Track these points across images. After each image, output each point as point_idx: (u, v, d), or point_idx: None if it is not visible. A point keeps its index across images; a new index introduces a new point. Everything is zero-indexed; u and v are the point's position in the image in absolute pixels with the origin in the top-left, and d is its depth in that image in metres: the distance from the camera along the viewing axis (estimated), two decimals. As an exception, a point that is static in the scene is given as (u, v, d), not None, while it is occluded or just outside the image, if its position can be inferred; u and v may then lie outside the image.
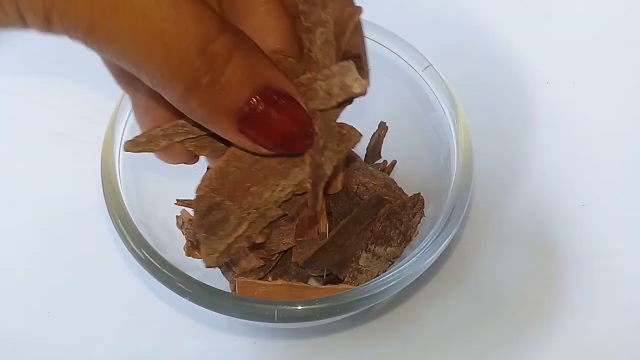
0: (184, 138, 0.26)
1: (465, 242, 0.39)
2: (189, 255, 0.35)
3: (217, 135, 0.25)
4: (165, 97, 0.22)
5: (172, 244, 0.33)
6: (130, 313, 0.37)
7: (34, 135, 0.43)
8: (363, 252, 0.34)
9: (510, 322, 0.36)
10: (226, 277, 0.36)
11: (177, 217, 0.35)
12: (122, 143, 0.32)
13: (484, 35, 0.47)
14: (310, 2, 0.25)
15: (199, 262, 0.35)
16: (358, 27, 0.27)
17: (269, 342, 0.36)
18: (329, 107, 0.25)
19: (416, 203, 0.35)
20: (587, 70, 0.45)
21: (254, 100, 0.23)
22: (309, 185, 0.26)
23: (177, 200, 0.36)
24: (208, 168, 0.36)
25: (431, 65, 0.36)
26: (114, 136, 0.33)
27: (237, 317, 0.29)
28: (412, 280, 0.30)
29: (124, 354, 0.36)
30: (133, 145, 0.26)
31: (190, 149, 0.27)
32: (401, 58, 0.36)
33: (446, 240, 0.31)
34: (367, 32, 0.34)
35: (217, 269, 0.36)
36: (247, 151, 0.25)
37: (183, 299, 0.29)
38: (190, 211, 0.36)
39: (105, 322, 0.37)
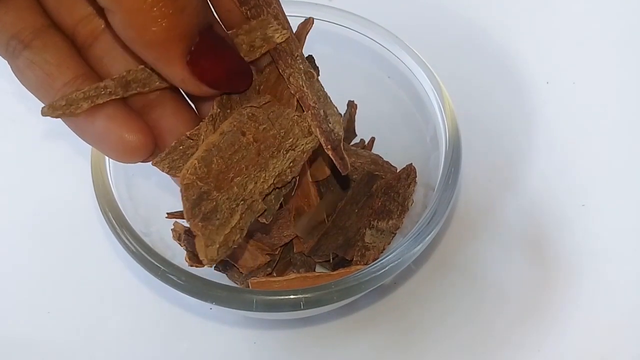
0: (108, 99, 0.25)
1: (464, 242, 0.39)
2: (191, 265, 0.35)
3: (144, 93, 0.25)
4: (118, 12, 0.22)
5: (173, 256, 0.33)
6: (130, 313, 0.37)
7: (32, 135, 0.43)
8: (367, 229, 0.35)
9: (508, 321, 0.36)
10: (234, 281, 0.36)
11: (172, 230, 0.35)
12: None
13: (483, 35, 0.47)
14: (255, 5, 0.27)
15: (203, 271, 0.35)
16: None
17: (269, 341, 0.36)
18: (253, 59, 0.27)
19: (410, 173, 0.36)
20: (587, 70, 0.45)
21: (204, 32, 0.23)
22: (329, 152, 0.27)
23: (168, 213, 0.36)
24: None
25: (401, 40, 0.36)
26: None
27: (262, 312, 0.29)
28: (421, 252, 0.31)
29: (124, 354, 0.36)
30: (51, 110, 0.25)
31: (164, 171, 0.26)
32: (375, 42, 0.37)
33: (449, 206, 0.32)
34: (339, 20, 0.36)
35: (224, 276, 0.36)
36: (189, 96, 0.26)
37: (185, 299, 0.29)
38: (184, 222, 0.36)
39: (104, 322, 0.37)
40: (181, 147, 0.26)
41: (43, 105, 0.25)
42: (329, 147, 0.27)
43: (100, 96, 0.25)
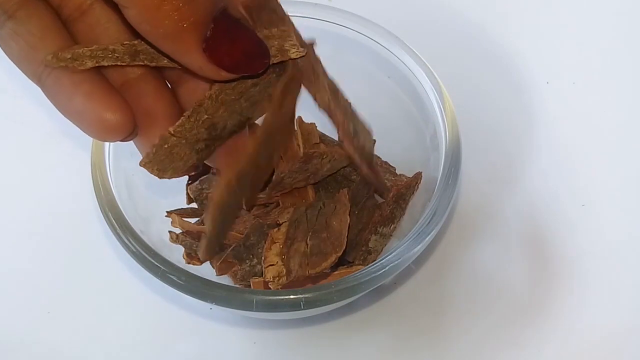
0: (112, 64, 0.25)
1: (464, 242, 0.39)
2: (188, 263, 0.35)
3: (148, 66, 0.25)
4: (132, 8, 0.22)
5: (173, 256, 0.33)
6: (130, 313, 0.37)
7: (33, 135, 0.43)
8: (372, 235, 0.35)
9: (508, 321, 0.36)
10: (235, 281, 0.36)
11: (170, 232, 0.35)
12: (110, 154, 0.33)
13: (484, 35, 0.47)
14: (269, 21, 0.27)
15: (203, 271, 0.35)
16: None
17: (269, 341, 0.36)
18: None
19: (417, 181, 0.36)
20: (587, 70, 0.45)
21: (218, 17, 0.23)
22: (364, 171, 0.28)
23: (167, 211, 0.36)
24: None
25: (401, 40, 0.36)
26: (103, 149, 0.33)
27: (263, 311, 0.29)
28: (422, 252, 0.31)
29: (123, 354, 0.36)
30: (56, 60, 0.24)
31: (153, 173, 0.26)
32: (375, 42, 0.37)
33: (449, 206, 0.32)
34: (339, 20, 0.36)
35: (224, 276, 0.36)
36: (206, 80, 0.26)
37: (185, 299, 0.29)
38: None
39: (104, 322, 0.37)
40: (166, 146, 0.26)
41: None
42: (364, 165, 0.28)
43: (106, 58, 0.25)
